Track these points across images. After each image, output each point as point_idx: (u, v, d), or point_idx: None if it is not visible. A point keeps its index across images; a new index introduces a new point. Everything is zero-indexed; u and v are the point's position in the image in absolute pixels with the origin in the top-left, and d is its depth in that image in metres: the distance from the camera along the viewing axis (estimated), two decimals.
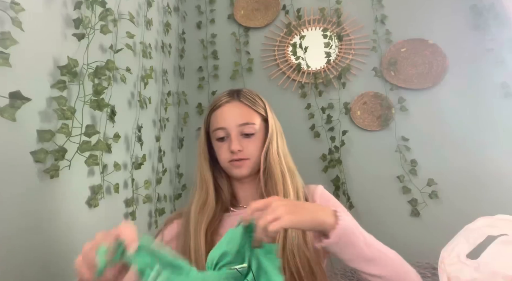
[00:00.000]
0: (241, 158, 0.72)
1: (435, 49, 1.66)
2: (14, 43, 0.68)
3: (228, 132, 0.74)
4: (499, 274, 0.42)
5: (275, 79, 1.84)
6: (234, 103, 0.75)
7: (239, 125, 0.73)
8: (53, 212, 0.80)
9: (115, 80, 1.12)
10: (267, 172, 0.74)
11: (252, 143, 0.74)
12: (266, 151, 0.74)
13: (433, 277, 1.25)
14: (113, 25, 1.10)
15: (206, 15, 2.00)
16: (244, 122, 0.74)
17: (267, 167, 0.74)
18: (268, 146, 0.75)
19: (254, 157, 0.74)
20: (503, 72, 1.56)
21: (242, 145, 0.73)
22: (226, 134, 0.74)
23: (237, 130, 0.73)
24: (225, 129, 0.74)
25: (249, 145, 0.74)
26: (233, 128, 0.73)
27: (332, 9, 1.83)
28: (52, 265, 0.78)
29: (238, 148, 0.72)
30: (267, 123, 0.77)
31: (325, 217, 0.55)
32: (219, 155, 0.76)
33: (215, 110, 0.76)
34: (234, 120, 0.73)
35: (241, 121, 0.73)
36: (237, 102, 0.76)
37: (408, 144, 1.61)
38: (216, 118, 0.75)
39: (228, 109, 0.75)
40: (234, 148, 0.71)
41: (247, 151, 0.73)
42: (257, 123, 0.75)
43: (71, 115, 0.84)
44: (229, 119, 0.74)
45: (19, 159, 0.71)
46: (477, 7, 1.64)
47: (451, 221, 1.48)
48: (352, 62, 1.76)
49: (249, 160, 0.74)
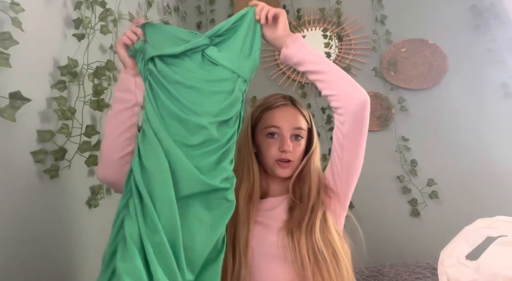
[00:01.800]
0: (289, 159, 0.79)
1: (435, 49, 1.66)
2: (14, 44, 0.68)
3: (281, 132, 0.79)
4: (499, 275, 0.42)
5: (275, 79, 1.84)
6: (290, 107, 0.83)
7: (293, 128, 0.80)
8: (53, 212, 0.80)
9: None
10: (303, 174, 0.81)
11: (299, 146, 0.81)
12: (309, 157, 0.82)
13: (433, 277, 1.25)
14: (113, 26, 1.10)
15: (206, 16, 2.00)
16: (298, 126, 0.81)
17: (305, 171, 0.81)
18: (312, 153, 0.82)
19: (298, 160, 0.81)
20: (503, 72, 1.56)
21: (292, 146, 0.79)
22: (278, 133, 0.80)
23: (290, 132, 0.80)
24: (280, 128, 0.79)
25: (296, 148, 0.80)
26: (287, 130, 0.79)
27: (332, 9, 1.83)
28: (52, 265, 0.78)
29: (290, 149, 0.78)
30: (309, 133, 0.85)
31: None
32: (267, 151, 0.80)
33: (270, 110, 0.82)
34: (290, 123, 0.80)
35: (295, 125, 0.80)
36: (293, 107, 0.83)
37: (408, 144, 1.61)
38: (271, 117, 0.81)
39: (285, 112, 0.81)
40: (287, 147, 0.77)
41: (294, 153, 0.79)
42: (305, 129, 0.82)
43: (71, 116, 0.84)
44: (286, 120, 0.80)
45: (19, 159, 0.71)
46: (477, 7, 1.64)
47: (451, 221, 1.47)
48: (352, 62, 1.76)
49: (294, 162, 0.80)
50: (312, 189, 0.78)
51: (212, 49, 0.72)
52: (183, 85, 0.68)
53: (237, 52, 0.72)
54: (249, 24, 0.74)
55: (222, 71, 0.70)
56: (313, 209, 0.76)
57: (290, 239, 0.72)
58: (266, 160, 0.81)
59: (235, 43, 0.73)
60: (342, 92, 0.70)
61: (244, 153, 0.83)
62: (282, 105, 0.82)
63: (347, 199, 0.80)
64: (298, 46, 0.72)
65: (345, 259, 0.74)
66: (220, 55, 0.71)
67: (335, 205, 0.79)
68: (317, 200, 0.78)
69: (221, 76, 0.70)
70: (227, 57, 0.71)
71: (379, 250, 1.51)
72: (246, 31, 0.73)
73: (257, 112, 0.84)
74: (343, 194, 0.79)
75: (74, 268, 0.85)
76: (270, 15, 0.72)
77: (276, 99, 0.84)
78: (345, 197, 0.80)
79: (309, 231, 0.73)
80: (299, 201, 0.79)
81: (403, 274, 1.31)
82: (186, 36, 0.73)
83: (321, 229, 0.74)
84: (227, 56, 0.71)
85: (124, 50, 0.74)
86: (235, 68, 0.70)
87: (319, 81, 0.72)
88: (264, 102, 0.85)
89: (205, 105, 0.67)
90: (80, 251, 0.88)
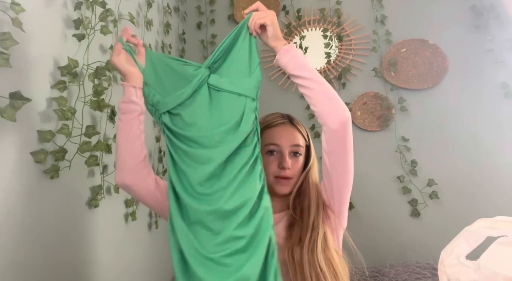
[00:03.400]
0: (288, 176, 0.80)
1: (435, 49, 1.66)
2: (14, 44, 0.68)
3: (280, 149, 0.82)
4: (500, 275, 0.42)
5: (275, 79, 1.84)
6: (288, 125, 0.85)
7: (292, 145, 0.82)
8: (53, 213, 0.80)
9: (115, 81, 1.11)
10: (303, 189, 0.83)
11: (297, 163, 0.83)
12: (307, 172, 0.83)
13: (433, 278, 1.25)
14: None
15: (206, 16, 2.00)
16: (296, 143, 0.83)
17: (304, 186, 0.83)
18: (309, 169, 0.84)
19: (296, 177, 0.82)
20: (503, 72, 1.56)
21: (290, 163, 0.81)
22: (277, 151, 0.82)
23: (289, 150, 0.82)
24: (279, 146, 0.82)
25: (295, 165, 0.82)
26: (286, 147, 0.82)
27: (332, 10, 1.83)
28: (52, 265, 0.78)
29: (289, 165, 0.80)
30: (307, 150, 0.86)
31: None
32: (267, 168, 0.80)
33: (270, 128, 0.85)
34: (289, 141, 0.82)
35: (294, 142, 0.83)
36: (291, 125, 0.86)
37: (408, 144, 1.61)
38: (271, 135, 0.84)
39: (284, 130, 0.84)
40: (286, 164, 0.80)
41: (293, 170, 0.81)
42: (303, 146, 0.84)
43: (71, 116, 0.84)
44: (285, 138, 0.83)
45: (19, 159, 0.71)
46: (477, 7, 1.64)
47: (451, 221, 1.48)
48: (352, 62, 1.76)
49: (293, 179, 0.81)
50: (311, 203, 0.80)
51: (214, 77, 0.75)
52: (195, 135, 0.71)
53: (238, 73, 0.74)
54: (243, 40, 0.76)
55: (228, 96, 0.73)
56: (314, 226, 0.77)
57: (290, 258, 0.73)
58: (266, 177, 0.81)
59: (233, 64, 0.76)
60: (324, 110, 0.72)
61: None
62: (281, 124, 0.85)
63: (342, 215, 0.81)
64: (288, 57, 0.74)
65: (345, 279, 0.74)
66: (222, 81, 0.74)
67: (333, 222, 0.80)
68: (317, 216, 0.78)
69: (229, 101, 0.72)
70: (229, 82, 0.73)
71: (379, 250, 1.52)
72: (241, 48, 0.75)
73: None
74: (337, 210, 0.80)
75: (74, 268, 0.85)
76: (256, 27, 0.75)
77: (275, 118, 0.86)
78: (340, 212, 0.80)
79: (310, 250, 0.73)
80: (300, 217, 0.79)
81: (403, 274, 1.31)
82: (185, 70, 0.76)
83: (322, 248, 0.75)
84: (229, 81, 0.74)
85: (120, 61, 0.75)
86: (240, 90, 0.72)
87: (306, 96, 0.75)
88: (263, 121, 0.87)
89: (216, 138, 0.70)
90: (80, 251, 0.88)
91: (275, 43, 0.76)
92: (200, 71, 0.75)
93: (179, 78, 0.75)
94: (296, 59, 0.74)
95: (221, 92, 0.73)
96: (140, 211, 1.25)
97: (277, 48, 0.76)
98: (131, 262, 1.17)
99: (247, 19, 0.77)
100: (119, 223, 1.10)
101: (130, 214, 1.17)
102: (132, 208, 1.18)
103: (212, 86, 0.74)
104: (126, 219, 1.14)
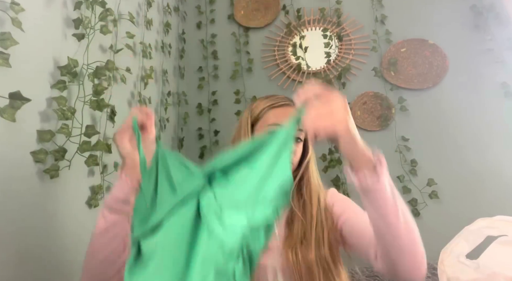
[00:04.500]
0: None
1: (435, 49, 1.66)
2: (14, 44, 0.68)
3: None
4: (499, 275, 0.42)
5: (275, 79, 1.84)
6: (292, 109, 0.78)
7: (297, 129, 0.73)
8: (53, 212, 0.80)
9: (115, 81, 1.11)
10: (305, 179, 0.80)
11: (298, 149, 0.78)
12: (308, 161, 0.80)
13: (433, 277, 1.25)
14: (113, 26, 1.10)
15: (206, 15, 2.00)
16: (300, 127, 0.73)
17: (306, 175, 0.80)
18: (310, 158, 0.81)
19: (295, 164, 0.78)
20: (503, 72, 1.56)
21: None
22: None
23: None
24: None
25: (296, 150, 0.77)
26: None
27: (332, 9, 1.83)
28: (52, 265, 0.78)
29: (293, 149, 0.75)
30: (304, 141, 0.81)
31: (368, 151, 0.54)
32: None
33: (274, 108, 0.79)
34: None
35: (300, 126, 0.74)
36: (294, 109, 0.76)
37: (408, 144, 1.61)
38: (276, 115, 0.77)
39: (289, 112, 0.77)
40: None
41: (294, 156, 0.76)
42: (304, 134, 0.79)
43: (71, 116, 0.84)
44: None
45: (19, 159, 0.71)
46: (477, 7, 1.64)
47: (451, 221, 1.47)
48: (352, 62, 1.76)
49: (292, 165, 0.76)
50: (313, 196, 0.77)
51: (210, 204, 0.52)
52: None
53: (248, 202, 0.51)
54: (277, 154, 0.54)
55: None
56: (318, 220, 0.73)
57: (295, 258, 0.68)
58: None
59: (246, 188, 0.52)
60: (398, 264, 0.55)
61: None
62: (286, 105, 0.80)
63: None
64: (379, 187, 0.54)
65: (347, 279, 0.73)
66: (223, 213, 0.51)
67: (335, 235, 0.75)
68: (319, 210, 0.75)
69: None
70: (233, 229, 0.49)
71: None
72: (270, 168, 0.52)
73: (259, 110, 0.81)
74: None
75: (74, 268, 0.85)
76: (322, 137, 0.52)
77: (280, 99, 0.81)
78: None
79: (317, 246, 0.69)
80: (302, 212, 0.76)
81: None
82: (183, 185, 0.55)
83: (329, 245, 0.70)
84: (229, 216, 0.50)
85: (123, 142, 0.60)
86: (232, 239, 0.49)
87: (377, 235, 0.56)
88: (267, 100, 0.81)
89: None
90: (80, 251, 0.88)
91: (352, 155, 0.54)
92: (191, 197, 0.53)
93: (169, 194, 0.55)
94: (388, 188, 0.54)
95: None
96: None
97: (357, 163, 0.54)
98: None
99: (296, 119, 0.53)
100: None
101: None
102: None
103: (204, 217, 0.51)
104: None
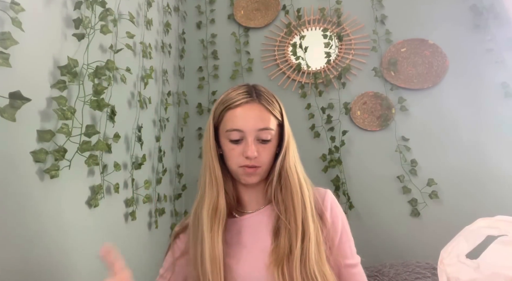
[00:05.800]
0: (255, 165, 0.69)
1: (435, 49, 1.66)
2: (14, 43, 0.68)
3: (244, 135, 0.68)
4: (499, 275, 0.42)
5: (275, 79, 1.84)
6: (253, 105, 0.70)
7: (258, 130, 0.68)
8: (53, 212, 0.80)
9: (115, 80, 1.11)
10: (283, 180, 0.71)
11: (267, 149, 0.70)
12: (283, 159, 0.71)
13: (433, 277, 1.25)
14: (113, 25, 1.10)
15: (206, 15, 2.00)
16: (263, 127, 0.68)
17: (283, 176, 0.71)
18: (285, 154, 0.71)
19: (266, 164, 0.71)
20: (503, 72, 1.56)
21: (257, 150, 0.69)
22: (241, 137, 0.69)
23: (254, 135, 0.68)
24: (242, 132, 0.68)
25: (263, 152, 0.69)
26: (251, 133, 0.68)
27: (332, 9, 1.83)
28: (52, 265, 0.78)
29: (255, 155, 0.68)
30: (281, 128, 0.73)
31: None
32: (230, 158, 0.70)
33: (231, 109, 0.70)
34: (254, 125, 0.68)
35: (260, 126, 0.68)
36: (257, 104, 0.70)
37: (408, 144, 1.61)
38: (232, 118, 0.69)
39: (247, 111, 0.69)
40: (251, 154, 0.67)
41: (261, 158, 0.69)
42: (274, 128, 0.71)
43: (71, 115, 0.84)
44: (248, 122, 0.68)
45: (19, 159, 0.71)
46: (477, 7, 1.64)
47: (451, 221, 1.48)
48: (352, 62, 1.76)
49: (261, 167, 0.70)
50: (294, 199, 0.68)
51: None
52: None
53: None
54: None
55: None
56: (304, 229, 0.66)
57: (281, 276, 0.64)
58: (231, 167, 0.71)
59: None
60: None
61: (206, 158, 0.73)
62: (244, 103, 0.69)
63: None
64: None
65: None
66: None
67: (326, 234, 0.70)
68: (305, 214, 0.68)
69: None
70: None
71: (379, 249, 1.51)
72: None
73: (218, 112, 0.72)
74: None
75: (74, 268, 0.85)
76: None
77: (238, 96, 0.70)
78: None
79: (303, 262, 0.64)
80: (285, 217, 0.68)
81: (403, 274, 1.31)
82: None
83: (316, 259, 0.65)
84: None
85: None
86: None
87: None
88: (225, 99, 0.71)
89: None
90: (80, 251, 0.88)
91: None
92: None
93: None
94: None
95: None
96: (140, 211, 1.25)
97: None
98: (131, 262, 1.17)
99: None
100: (119, 222, 1.10)
101: (130, 213, 1.17)
102: (132, 207, 1.18)
103: None
104: (126, 219, 1.14)
